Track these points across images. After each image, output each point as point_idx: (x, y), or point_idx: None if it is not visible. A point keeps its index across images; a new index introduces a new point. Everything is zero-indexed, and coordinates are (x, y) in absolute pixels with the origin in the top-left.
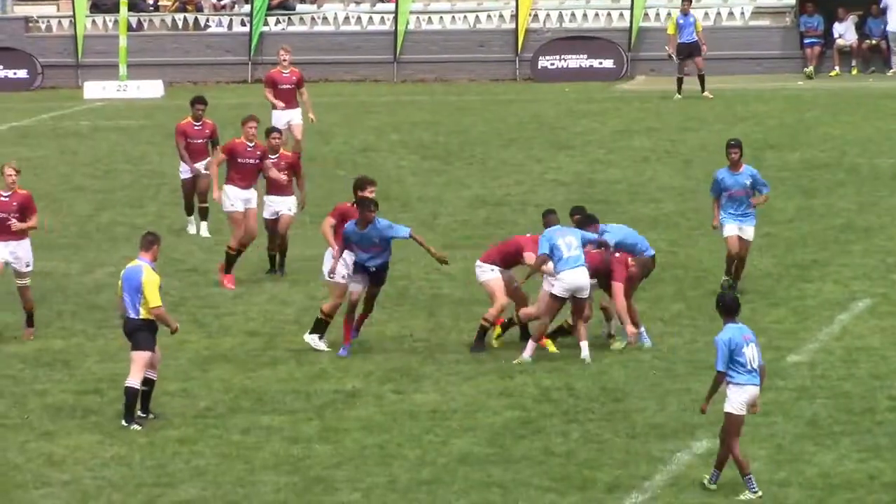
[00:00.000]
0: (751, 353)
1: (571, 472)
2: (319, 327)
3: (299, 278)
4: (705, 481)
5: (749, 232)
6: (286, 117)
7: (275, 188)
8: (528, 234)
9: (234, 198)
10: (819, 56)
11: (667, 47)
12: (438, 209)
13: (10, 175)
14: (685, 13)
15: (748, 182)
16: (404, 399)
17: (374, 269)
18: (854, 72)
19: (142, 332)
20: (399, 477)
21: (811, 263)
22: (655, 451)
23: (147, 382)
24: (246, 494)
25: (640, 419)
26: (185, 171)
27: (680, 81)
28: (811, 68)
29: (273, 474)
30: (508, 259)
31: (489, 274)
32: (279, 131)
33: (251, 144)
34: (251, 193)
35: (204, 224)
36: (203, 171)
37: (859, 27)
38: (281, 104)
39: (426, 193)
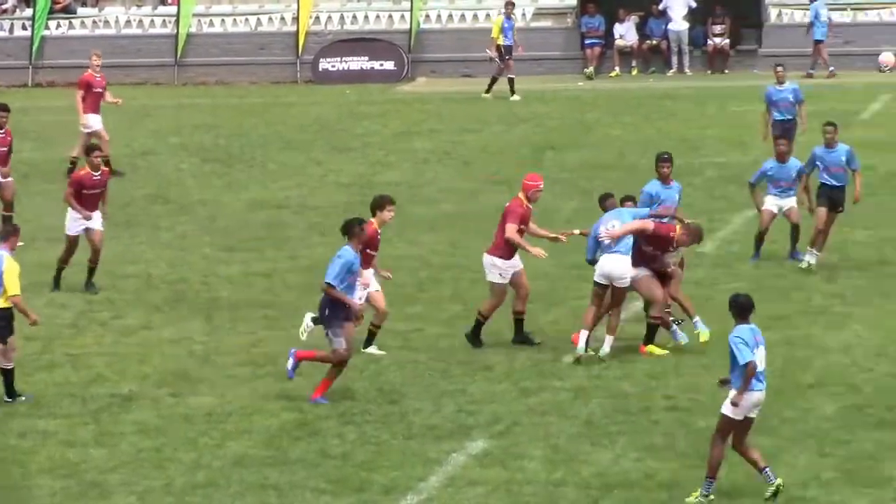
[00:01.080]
0: (760, 356)
1: (348, 473)
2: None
3: (78, 283)
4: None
5: None
6: (98, 120)
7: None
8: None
9: (77, 224)
10: (600, 57)
11: (488, 50)
12: (218, 212)
13: None
14: (508, 16)
15: (676, 196)
16: (180, 402)
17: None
18: (634, 72)
19: None
20: (175, 480)
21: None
22: (431, 453)
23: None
24: (21, 498)
25: (416, 420)
26: None
27: (493, 81)
28: (592, 69)
29: (48, 478)
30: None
31: (497, 278)
32: (100, 148)
33: (97, 174)
34: (95, 216)
35: None
36: (3, 179)
37: (640, 28)
38: (90, 111)
39: (206, 196)
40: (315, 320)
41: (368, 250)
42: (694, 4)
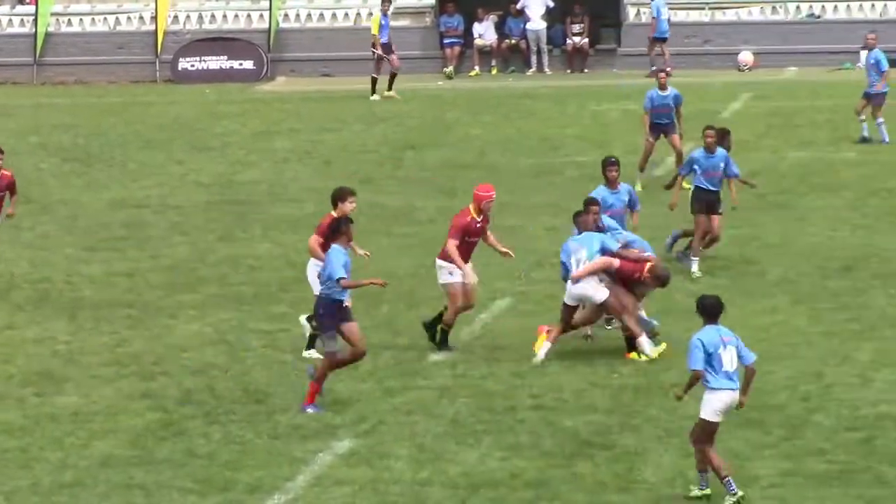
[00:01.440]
0: (728, 356)
1: (213, 473)
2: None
3: None
4: (696, 492)
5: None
6: None
7: None
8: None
9: None
10: (459, 56)
11: (373, 49)
12: (78, 211)
13: None
14: (385, 13)
15: (627, 199)
16: (45, 402)
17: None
18: (494, 71)
19: None
20: (41, 480)
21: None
22: (297, 452)
23: None
24: None
25: (282, 420)
26: None
27: (392, 78)
28: (451, 68)
29: None
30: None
31: (447, 277)
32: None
33: None
34: None
35: None
36: None
37: (499, 27)
38: None
39: (66, 196)
40: (310, 319)
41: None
42: (552, 4)
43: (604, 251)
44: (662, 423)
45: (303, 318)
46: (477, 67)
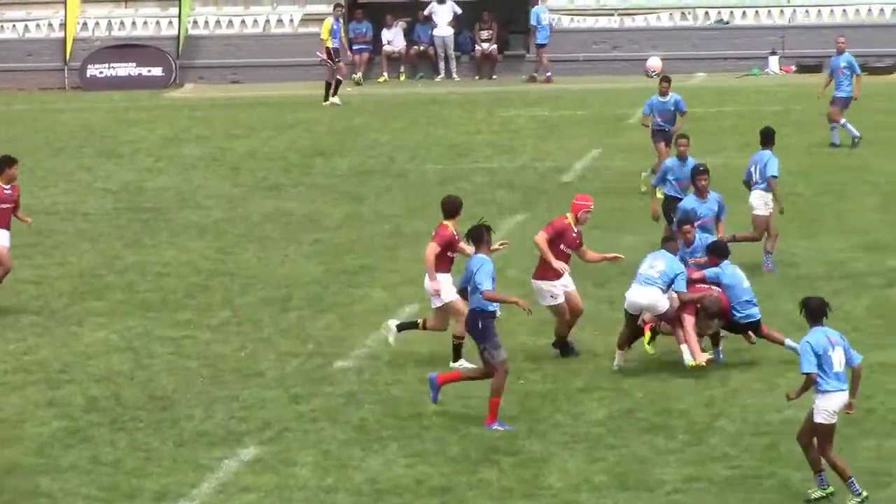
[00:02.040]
0: (837, 358)
1: (119, 480)
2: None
3: None
4: (817, 493)
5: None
6: None
7: None
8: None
9: None
10: (368, 62)
11: (318, 52)
12: None
13: None
14: (337, 18)
15: (716, 208)
16: None
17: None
18: (402, 78)
19: None
20: None
21: (359, 269)
22: (203, 459)
23: None
24: None
25: (188, 427)
26: None
27: (329, 87)
28: (360, 74)
29: None
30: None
31: (549, 300)
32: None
33: (7, 188)
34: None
35: None
36: None
37: (407, 33)
38: None
39: None
40: (400, 327)
41: (448, 253)
42: (459, 10)
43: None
44: (569, 428)
45: (391, 323)
46: (386, 74)
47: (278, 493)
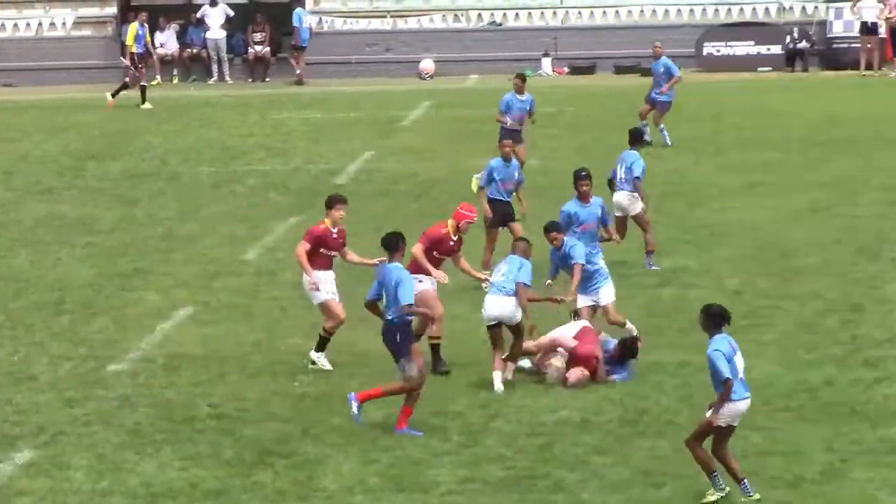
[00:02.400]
0: (741, 364)
1: None
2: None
3: None
4: (713, 497)
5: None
6: None
7: None
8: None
9: None
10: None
11: (122, 58)
12: None
13: None
14: (143, 24)
15: (600, 212)
16: None
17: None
18: (175, 80)
19: None
20: None
21: (133, 272)
22: None
23: None
24: None
25: None
26: None
27: (123, 88)
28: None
29: None
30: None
31: (417, 286)
32: None
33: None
34: None
35: None
36: None
37: (180, 36)
38: None
39: None
40: (318, 349)
41: (323, 250)
42: (231, 13)
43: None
44: (344, 430)
45: (313, 355)
46: (158, 77)
47: (52, 497)
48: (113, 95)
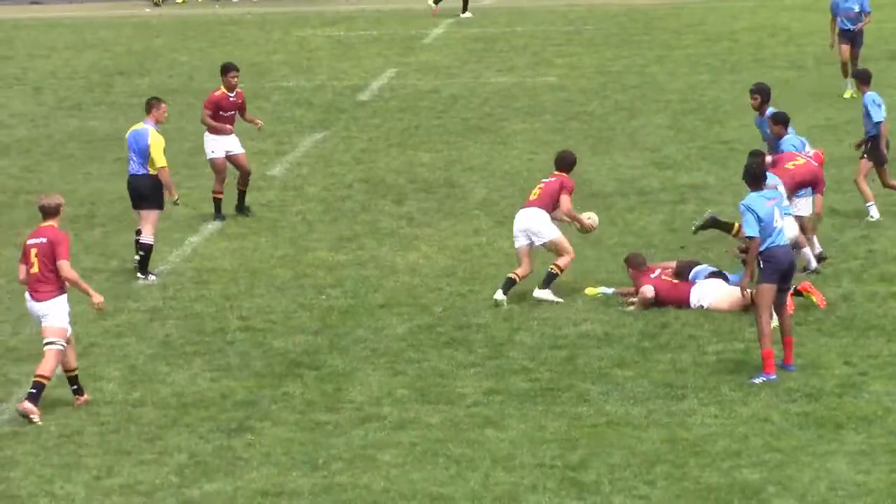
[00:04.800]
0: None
1: None
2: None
3: None
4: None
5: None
6: None
7: None
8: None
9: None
10: None
11: None
12: None
13: None
14: None
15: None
16: None
17: None
18: None
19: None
20: None
21: None
22: (13, 374)
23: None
24: None
25: None
26: None
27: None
28: None
29: None
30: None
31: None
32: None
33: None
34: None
35: None
36: None
37: None
38: None
39: None
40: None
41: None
42: None
43: None
44: (370, 343)
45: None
46: None
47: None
48: (436, 2)
